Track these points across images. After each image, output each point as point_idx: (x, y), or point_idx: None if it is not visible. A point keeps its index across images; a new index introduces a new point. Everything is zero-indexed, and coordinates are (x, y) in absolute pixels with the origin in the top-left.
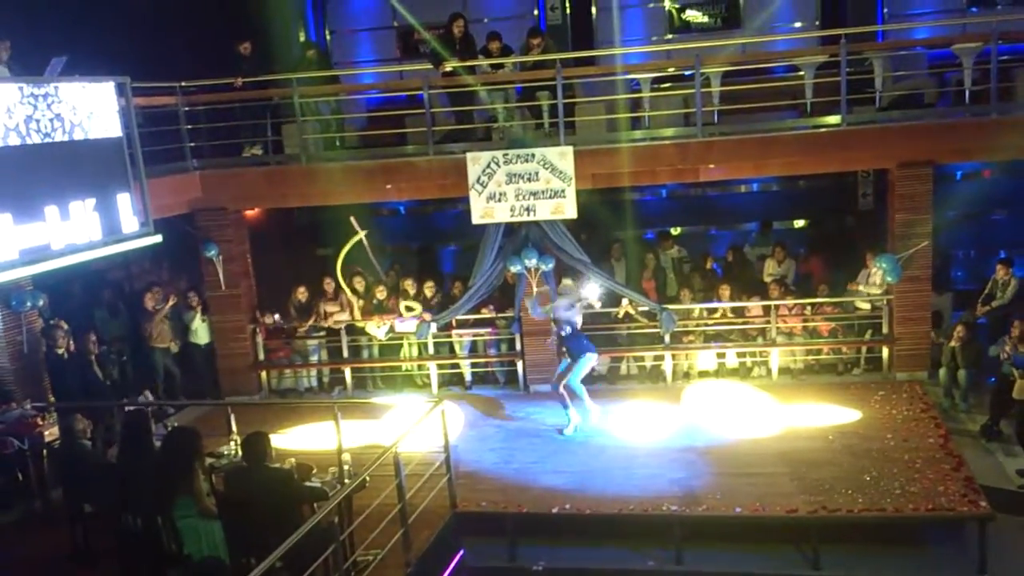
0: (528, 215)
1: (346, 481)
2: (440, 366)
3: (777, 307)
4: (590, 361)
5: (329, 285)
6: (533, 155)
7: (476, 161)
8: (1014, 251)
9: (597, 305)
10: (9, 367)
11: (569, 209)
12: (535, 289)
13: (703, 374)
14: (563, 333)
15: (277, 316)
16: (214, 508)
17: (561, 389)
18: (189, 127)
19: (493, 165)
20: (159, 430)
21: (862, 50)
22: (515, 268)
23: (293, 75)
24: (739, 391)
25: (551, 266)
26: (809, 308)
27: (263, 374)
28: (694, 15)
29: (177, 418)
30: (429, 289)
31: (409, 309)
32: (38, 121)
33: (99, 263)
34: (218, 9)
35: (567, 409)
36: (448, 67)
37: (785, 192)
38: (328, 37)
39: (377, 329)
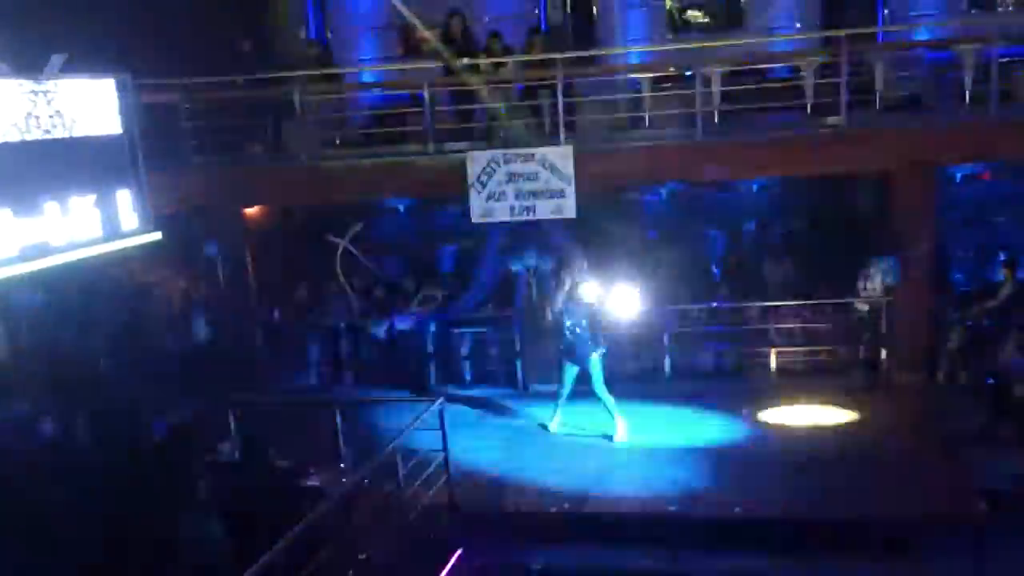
0: (528, 215)
1: (345, 480)
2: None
3: (776, 308)
4: (599, 362)
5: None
6: (533, 155)
7: (476, 161)
8: (1015, 253)
9: (596, 306)
10: (8, 365)
11: (569, 209)
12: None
13: (702, 374)
14: (572, 334)
15: (276, 313)
16: (213, 506)
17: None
18: (190, 124)
19: (493, 165)
20: (159, 428)
21: (863, 51)
22: (515, 268)
23: (294, 73)
24: (738, 392)
25: (551, 266)
26: (808, 309)
27: (263, 372)
28: (695, 15)
29: (177, 417)
30: (430, 288)
31: (432, 298)
32: (38, 117)
33: (99, 260)
34: (220, 7)
35: (612, 415)
36: (463, 61)
37: (785, 193)
38: (329, 35)
39: (378, 328)
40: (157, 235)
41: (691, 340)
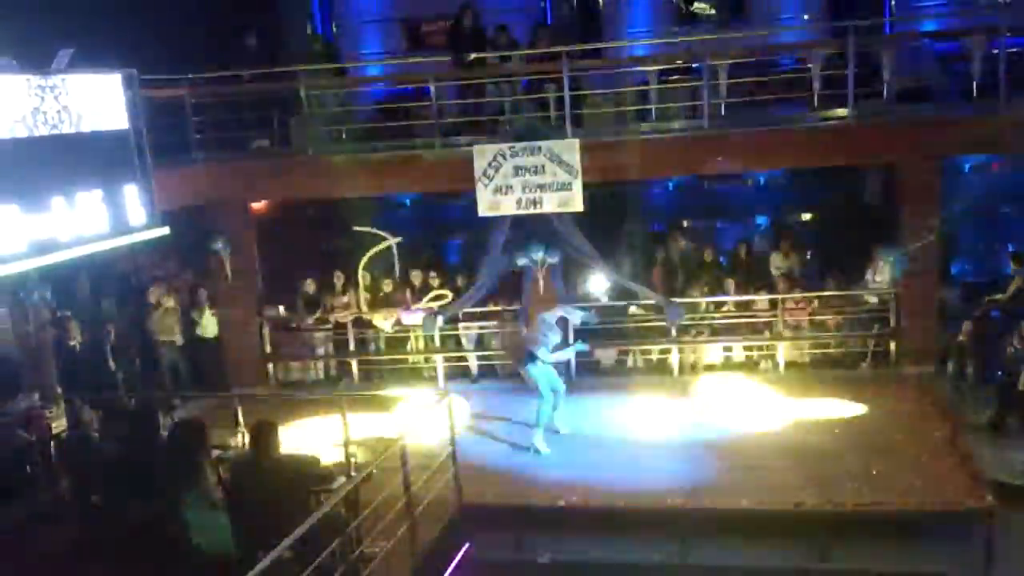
0: (535, 208)
1: (353, 473)
2: (446, 359)
3: (784, 300)
4: (533, 374)
5: (339, 279)
6: (540, 148)
7: (483, 154)
8: (1022, 245)
9: (604, 299)
10: (16, 359)
11: (576, 202)
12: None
13: (710, 367)
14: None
15: (282, 309)
16: (221, 500)
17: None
18: (196, 119)
19: (500, 158)
20: (166, 422)
21: (870, 43)
22: (522, 261)
23: (300, 67)
24: (746, 385)
25: (557, 259)
26: (816, 301)
27: (270, 367)
28: (701, 7)
29: (184, 410)
30: (435, 281)
31: (440, 297)
32: (45, 113)
33: (106, 255)
34: (225, 1)
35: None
36: (472, 57)
37: (792, 185)
38: (335, 29)
39: (384, 322)
40: (164, 230)
41: (699, 333)
